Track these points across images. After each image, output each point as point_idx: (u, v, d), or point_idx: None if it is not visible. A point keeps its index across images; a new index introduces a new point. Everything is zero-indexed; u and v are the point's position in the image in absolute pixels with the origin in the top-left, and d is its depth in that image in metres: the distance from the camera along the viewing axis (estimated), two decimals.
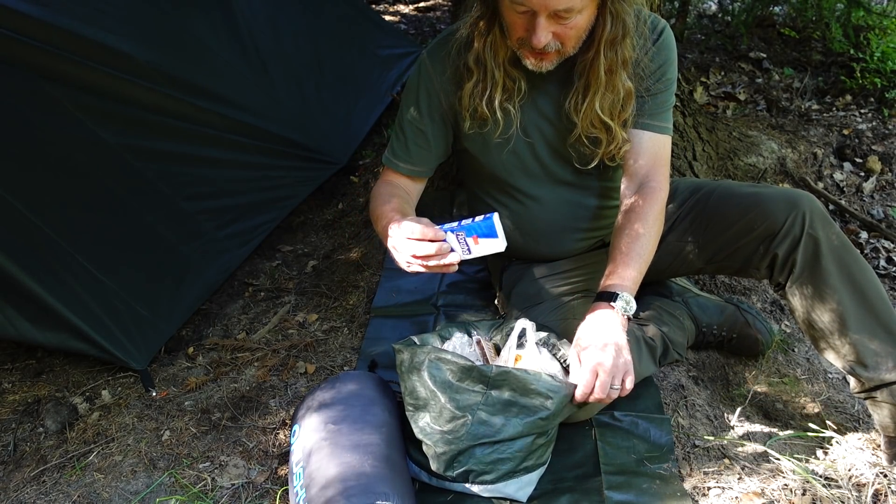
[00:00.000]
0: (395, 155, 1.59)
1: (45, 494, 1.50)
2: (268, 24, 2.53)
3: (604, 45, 1.31)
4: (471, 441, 1.31)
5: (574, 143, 1.46)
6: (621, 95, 1.37)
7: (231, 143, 2.25)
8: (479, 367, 1.29)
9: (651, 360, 1.63)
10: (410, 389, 1.35)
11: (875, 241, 2.22)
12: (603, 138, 1.41)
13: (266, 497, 1.44)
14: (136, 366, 1.76)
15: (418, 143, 1.56)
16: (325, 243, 2.50)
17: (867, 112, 2.72)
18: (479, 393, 1.30)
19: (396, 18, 4.63)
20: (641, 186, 1.45)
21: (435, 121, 1.53)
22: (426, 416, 1.34)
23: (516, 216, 1.61)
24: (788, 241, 1.39)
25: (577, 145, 1.46)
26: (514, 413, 1.29)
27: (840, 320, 1.37)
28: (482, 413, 1.30)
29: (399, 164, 1.58)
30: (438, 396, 1.31)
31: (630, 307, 1.34)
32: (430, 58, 1.50)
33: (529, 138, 1.49)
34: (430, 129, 1.54)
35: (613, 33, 1.30)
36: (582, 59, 1.35)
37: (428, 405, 1.33)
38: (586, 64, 1.35)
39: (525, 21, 1.26)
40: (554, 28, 1.25)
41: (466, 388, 1.30)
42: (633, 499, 1.35)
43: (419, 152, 1.57)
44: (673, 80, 1.48)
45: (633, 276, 1.36)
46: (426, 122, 1.53)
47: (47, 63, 1.73)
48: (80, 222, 1.79)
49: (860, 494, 1.33)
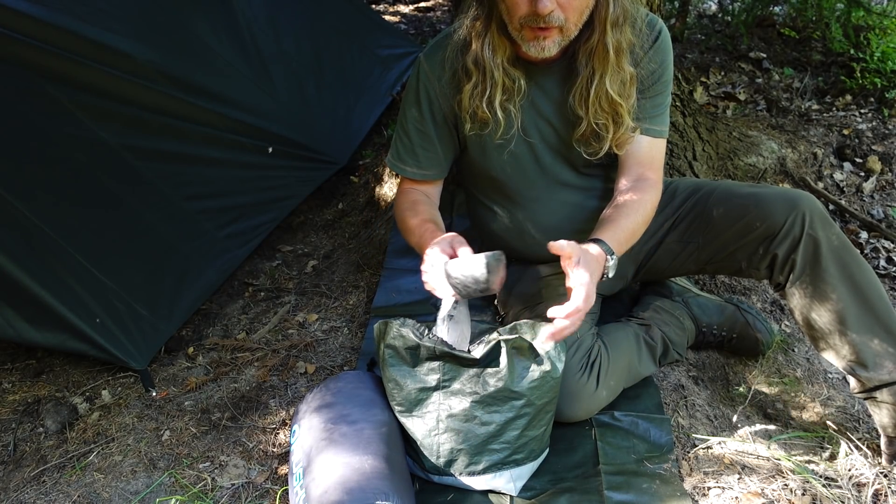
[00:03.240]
0: (402, 161, 1.59)
1: (45, 494, 1.50)
2: (268, 24, 2.53)
3: (609, 24, 1.31)
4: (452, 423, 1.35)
5: (580, 140, 1.45)
6: (628, 78, 1.37)
7: (231, 143, 2.25)
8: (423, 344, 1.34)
9: (651, 360, 1.63)
10: (387, 390, 1.41)
11: (875, 241, 2.21)
12: (610, 125, 1.40)
13: (266, 497, 1.44)
14: (136, 366, 1.76)
15: (424, 147, 1.56)
16: (325, 243, 2.50)
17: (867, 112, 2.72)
18: (437, 370, 1.35)
19: (396, 18, 4.63)
20: (635, 183, 1.46)
21: (438, 123, 1.53)
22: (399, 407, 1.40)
23: (516, 218, 1.61)
24: (788, 242, 1.39)
25: (582, 141, 1.45)
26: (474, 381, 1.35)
27: (840, 320, 1.37)
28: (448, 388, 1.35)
29: (409, 169, 1.59)
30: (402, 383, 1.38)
31: (611, 271, 1.32)
32: (428, 61, 1.50)
33: (530, 139, 1.49)
34: (433, 132, 1.54)
35: (615, 14, 1.30)
36: (585, 46, 1.35)
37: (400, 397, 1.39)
38: (591, 49, 1.34)
39: None
40: None
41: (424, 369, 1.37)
42: (633, 499, 1.35)
43: (427, 156, 1.57)
44: (669, 81, 1.48)
45: (618, 237, 1.35)
46: (429, 125, 1.53)
47: (47, 63, 1.73)
48: (80, 222, 1.79)
49: (860, 494, 1.33)
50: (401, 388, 1.38)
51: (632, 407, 1.58)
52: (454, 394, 1.35)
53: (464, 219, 2.22)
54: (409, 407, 1.38)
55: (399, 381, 1.38)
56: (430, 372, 1.36)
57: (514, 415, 1.34)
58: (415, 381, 1.37)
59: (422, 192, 1.61)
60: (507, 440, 1.35)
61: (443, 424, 1.35)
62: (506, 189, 1.57)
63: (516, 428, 1.35)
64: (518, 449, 1.36)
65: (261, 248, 2.40)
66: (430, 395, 1.36)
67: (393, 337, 1.37)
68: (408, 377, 1.37)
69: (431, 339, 1.36)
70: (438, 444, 1.36)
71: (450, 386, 1.35)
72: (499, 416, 1.34)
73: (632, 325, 1.66)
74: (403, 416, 1.39)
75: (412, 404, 1.38)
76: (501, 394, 1.32)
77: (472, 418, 1.34)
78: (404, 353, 1.37)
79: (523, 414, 1.34)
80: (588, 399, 1.49)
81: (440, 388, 1.36)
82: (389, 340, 1.37)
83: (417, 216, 1.52)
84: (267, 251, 2.45)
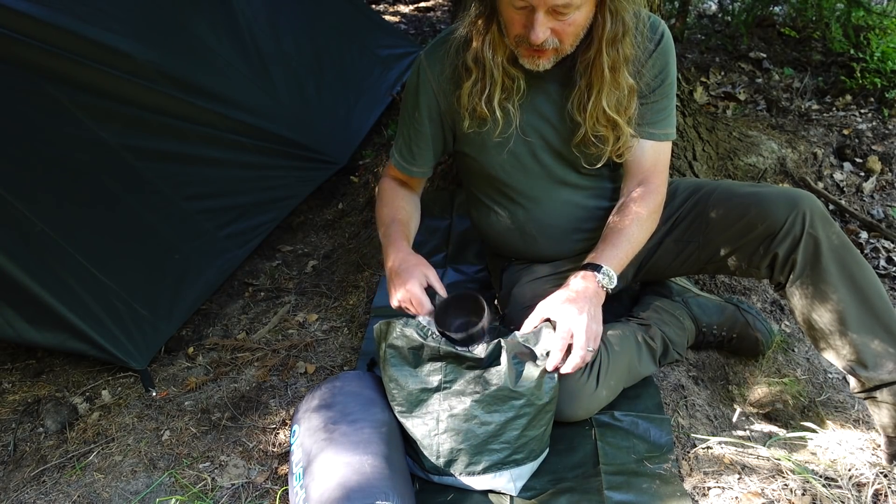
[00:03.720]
0: (401, 157, 1.62)
1: (45, 494, 1.50)
2: (268, 24, 2.53)
3: (605, 43, 1.30)
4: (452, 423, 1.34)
5: (579, 144, 1.45)
6: (626, 92, 1.38)
7: (231, 143, 2.25)
8: (427, 344, 1.35)
9: (651, 360, 1.63)
10: (388, 390, 1.41)
11: (875, 241, 2.21)
12: (610, 136, 1.41)
13: (266, 497, 1.44)
14: (136, 366, 1.76)
15: (419, 145, 1.58)
16: (325, 243, 2.50)
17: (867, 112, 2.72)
18: (439, 370, 1.35)
19: (396, 18, 4.63)
20: (640, 186, 1.48)
21: (433, 121, 1.54)
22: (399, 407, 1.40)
23: (515, 218, 1.61)
24: (789, 241, 1.39)
25: (582, 146, 1.46)
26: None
27: (840, 320, 1.37)
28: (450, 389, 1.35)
29: (404, 165, 1.62)
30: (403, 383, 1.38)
31: (611, 282, 1.37)
32: (428, 58, 1.51)
33: (529, 138, 1.49)
34: (428, 130, 1.55)
35: (614, 31, 1.30)
36: (583, 58, 1.35)
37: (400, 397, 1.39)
38: (588, 63, 1.35)
39: (523, 17, 1.26)
40: (552, 24, 1.25)
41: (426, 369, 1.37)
42: (633, 499, 1.35)
43: (420, 153, 1.59)
44: (673, 84, 1.48)
45: (619, 256, 1.41)
46: (425, 123, 1.54)
47: (47, 63, 1.73)
48: (80, 222, 1.79)
49: (860, 494, 1.33)
50: (402, 389, 1.38)
51: (632, 407, 1.58)
52: (455, 394, 1.35)
53: (464, 219, 2.22)
54: (410, 407, 1.38)
55: (400, 382, 1.37)
56: (433, 373, 1.36)
57: (513, 414, 1.33)
58: (416, 382, 1.37)
59: (407, 187, 1.67)
60: (507, 440, 1.35)
61: (443, 425, 1.35)
62: (506, 188, 1.58)
63: (516, 428, 1.34)
64: (518, 449, 1.36)
65: (261, 248, 2.40)
66: (431, 395, 1.36)
67: (396, 337, 1.37)
68: (409, 377, 1.37)
69: (436, 338, 1.36)
70: (438, 444, 1.36)
71: (451, 387, 1.35)
72: (499, 416, 1.34)
73: (632, 325, 1.66)
74: (403, 417, 1.39)
75: (413, 405, 1.38)
76: (501, 393, 1.32)
77: (471, 418, 1.34)
78: (407, 353, 1.37)
79: (523, 414, 1.34)
80: (588, 398, 1.49)
81: (441, 388, 1.36)
82: (392, 340, 1.37)
83: (387, 206, 1.61)
84: (267, 251, 2.45)
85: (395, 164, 1.64)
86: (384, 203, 1.63)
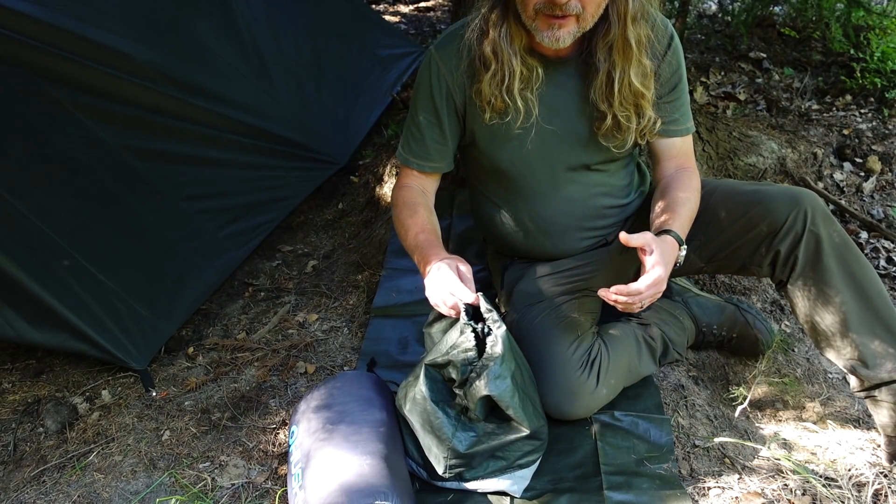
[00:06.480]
0: (413, 154, 1.59)
1: (45, 494, 1.50)
2: (268, 24, 2.53)
3: (629, 19, 1.32)
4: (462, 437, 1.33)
5: (605, 134, 1.45)
6: (648, 70, 1.40)
7: (231, 143, 2.25)
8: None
9: (651, 359, 1.63)
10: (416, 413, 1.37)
11: (875, 241, 2.21)
12: (633, 116, 1.42)
13: (266, 497, 1.44)
14: (136, 366, 1.76)
15: (436, 139, 1.55)
16: (325, 243, 2.50)
17: (867, 112, 2.72)
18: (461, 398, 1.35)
19: (396, 18, 4.63)
20: (676, 174, 1.52)
21: (450, 114, 1.52)
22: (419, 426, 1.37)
23: (521, 214, 1.60)
24: (790, 238, 1.39)
25: (607, 135, 1.46)
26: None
27: (841, 318, 1.37)
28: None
29: (419, 162, 1.58)
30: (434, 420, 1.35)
31: (682, 257, 1.38)
32: (440, 53, 1.49)
33: (549, 126, 1.48)
34: (446, 123, 1.53)
35: (636, 9, 1.32)
36: (603, 42, 1.36)
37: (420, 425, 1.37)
38: (612, 41, 1.35)
39: None
40: None
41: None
42: (633, 499, 1.35)
43: (437, 148, 1.57)
44: (685, 78, 1.51)
45: (685, 230, 1.41)
46: (443, 116, 1.52)
47: (47, 63, 1.73)
48: (80, 222, 1.79)
49: (860, 494, 1.33)
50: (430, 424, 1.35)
51: (632, 407, 1.58)
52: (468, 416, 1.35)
53: (464, 219, 2.23)
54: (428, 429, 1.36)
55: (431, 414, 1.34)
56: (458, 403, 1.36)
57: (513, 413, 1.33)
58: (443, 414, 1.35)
59: (420, 188, 1.61)
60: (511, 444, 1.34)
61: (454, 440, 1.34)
62: (511, 184, 1.57)
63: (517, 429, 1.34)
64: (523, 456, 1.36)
65: (261, 248, 2.40)
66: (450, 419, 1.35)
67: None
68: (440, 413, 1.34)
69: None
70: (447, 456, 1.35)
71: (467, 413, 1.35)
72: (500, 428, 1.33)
73: (632, 324, 1.66)
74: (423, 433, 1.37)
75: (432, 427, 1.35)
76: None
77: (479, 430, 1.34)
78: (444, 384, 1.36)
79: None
80: (588, 397, 1.49)
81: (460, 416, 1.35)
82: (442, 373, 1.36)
83: (416, 216, 1.53)
84: (267, 251, 2.45)
85: (407, 164, 1.60)
86: (404, 214, 1.56)
